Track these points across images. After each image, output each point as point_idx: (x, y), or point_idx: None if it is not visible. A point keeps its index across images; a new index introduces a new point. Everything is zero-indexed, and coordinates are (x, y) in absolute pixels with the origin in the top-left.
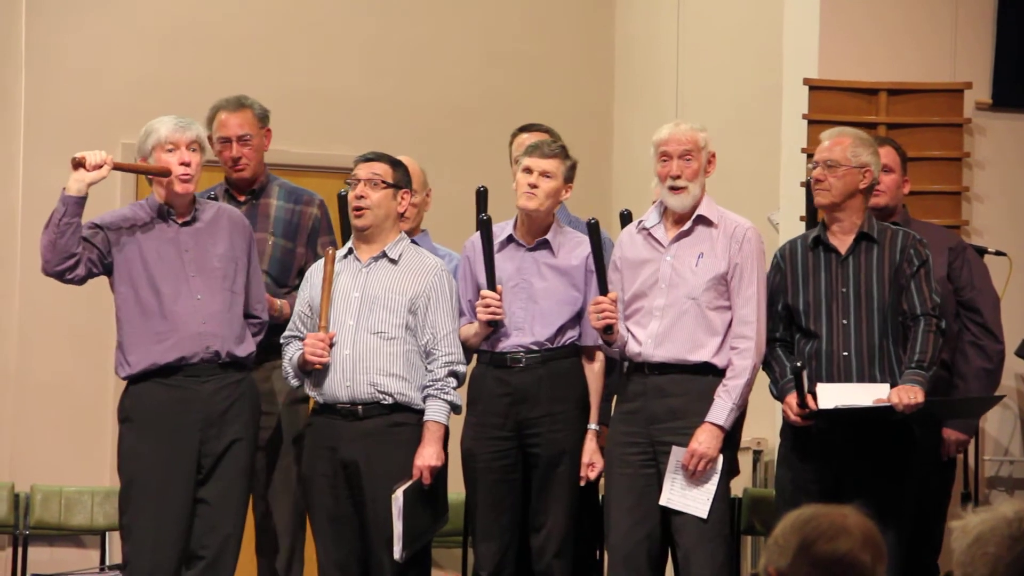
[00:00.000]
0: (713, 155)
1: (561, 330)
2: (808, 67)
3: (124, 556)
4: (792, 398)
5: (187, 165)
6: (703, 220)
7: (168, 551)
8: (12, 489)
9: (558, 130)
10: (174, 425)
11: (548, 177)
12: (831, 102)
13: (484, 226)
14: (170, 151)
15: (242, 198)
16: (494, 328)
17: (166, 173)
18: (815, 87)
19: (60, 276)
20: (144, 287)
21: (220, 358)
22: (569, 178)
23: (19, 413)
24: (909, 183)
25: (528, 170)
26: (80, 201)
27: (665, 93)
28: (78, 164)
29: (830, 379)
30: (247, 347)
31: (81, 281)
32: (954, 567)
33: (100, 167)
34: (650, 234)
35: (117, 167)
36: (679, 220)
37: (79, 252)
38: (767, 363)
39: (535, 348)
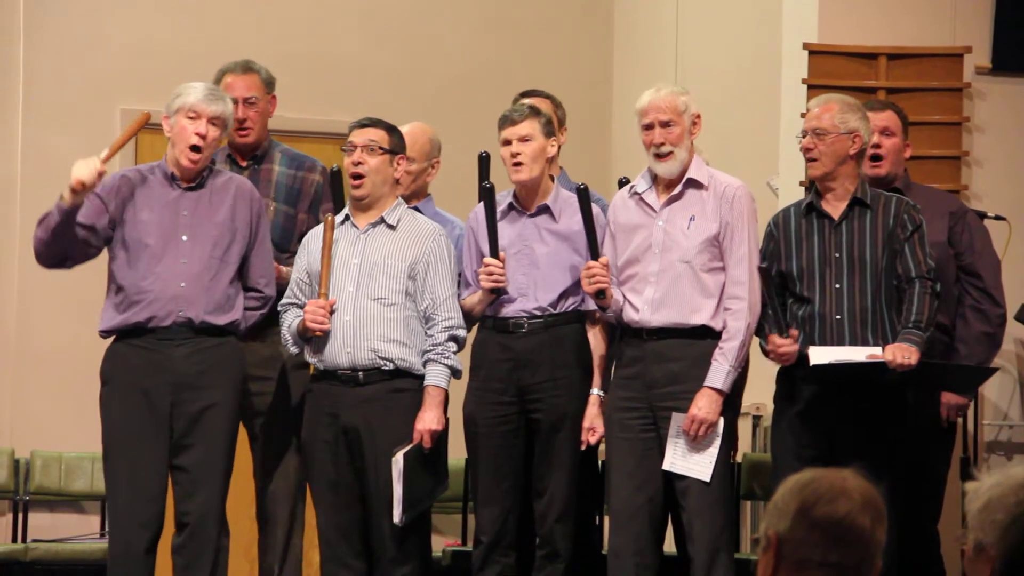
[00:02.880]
0: (698, 116)
1: (563, 295)
2: (808, 32)
3: (108, 520)
4: (774, 337)
5: (202, 137)
6: (693, 183)
7: (143, 515)
8: (12, 455)
9: (558, 97)
10: (145, 388)
11: (527, 140)
12: (831, 67)
13: (487, 193)
14: (191, 119)
15: (244, 163)
16: (497, 296)
17: (144, 122)
18: (815, 52)
19: (52, 268)
20: (133, 247)
21: (193, 323)
22: (549, 133)
23: (19, 379)
24: (911, 147)
25: (507, 142)
26: (75, 211)
27: (665, 59)
28: (78, 188)
29: (823, 343)
30: (229, 316)
31: (77, 264)
32: (968, 530)
33: (98, 175)
34: (642, 199)
35: (111, 155)
36: (670, 184)
37: (73, 253)
38: (759, 326)
39: (538, 314)
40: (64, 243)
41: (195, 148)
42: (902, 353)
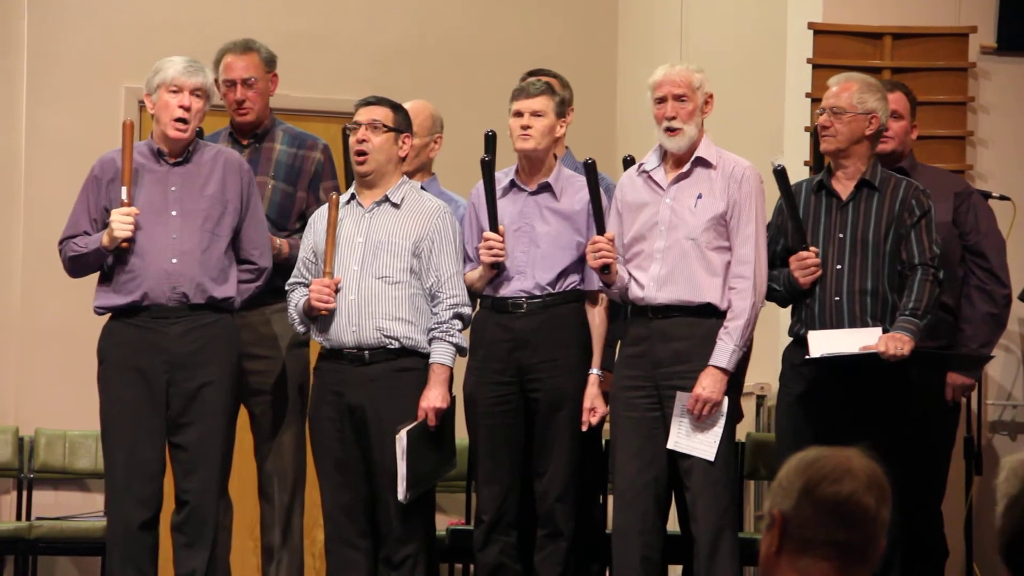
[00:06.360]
0: (710, 96)
1: (563, 274)
2: (812, 11)
3: (106, 498)
4: (794, 258)
5: (186, 109)
6: (702, 162)
7: (141, 493)
8: (16, 433)
9: (562, 75)
10: (141, 367)
11: (539, 116)
12: (836, 46)
13: (486, 167)
14: (173, 92)
15: (246, 142)
16: (498, 271)
17: (131, 128)
18: (820, 31)
19: None
20: None
21: (189, 299)
22: (561, 113)
23: (23, 357)
24: (918, 129)
25: (518, 113)
26: (111, 252)
27: (669, 38)
28: (124, 246)
29: (822, 324)
30: (225, 290)
31: None
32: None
33: (135, 219)
34: (650, 177)
35: (128, 178)
36: (678, 162)
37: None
38: (770, 290)
39: (537, 293)
40: (96, 268)
41: (181, 120)
42: (894, 344)
